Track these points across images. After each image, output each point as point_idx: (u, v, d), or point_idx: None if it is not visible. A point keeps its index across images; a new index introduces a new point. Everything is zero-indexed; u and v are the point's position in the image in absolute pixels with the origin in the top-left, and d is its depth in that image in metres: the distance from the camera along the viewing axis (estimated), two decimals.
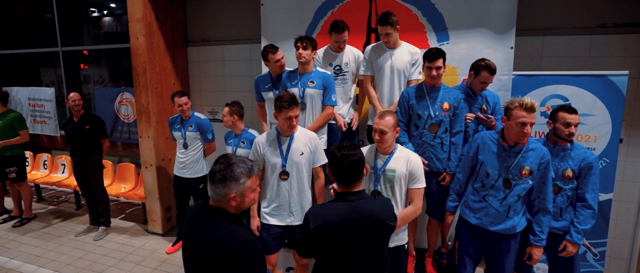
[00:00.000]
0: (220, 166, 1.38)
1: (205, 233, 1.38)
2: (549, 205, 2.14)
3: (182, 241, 1.54)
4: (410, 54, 2.78)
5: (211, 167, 1.42)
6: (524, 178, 2.11)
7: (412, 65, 2.79)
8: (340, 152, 1.61)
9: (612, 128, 2.77)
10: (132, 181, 4.68)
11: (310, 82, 2.77)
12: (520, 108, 2.02)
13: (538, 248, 2.19)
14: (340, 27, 2.78)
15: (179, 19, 4.21)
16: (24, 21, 5.79)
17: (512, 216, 2.16)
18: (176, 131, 3.49)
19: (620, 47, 2.97)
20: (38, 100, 5.33)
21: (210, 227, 1.38)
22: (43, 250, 3.81)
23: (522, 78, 2.94)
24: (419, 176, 2.15)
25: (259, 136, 2.48)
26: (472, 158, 2.29)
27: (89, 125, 3.91)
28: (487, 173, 2.20)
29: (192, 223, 1.46)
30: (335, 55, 2.97)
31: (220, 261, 1.32)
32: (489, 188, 2.20)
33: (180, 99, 3.37)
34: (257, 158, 2.40)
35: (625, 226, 3.20)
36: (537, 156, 2.10)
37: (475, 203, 2.26)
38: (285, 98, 2.26)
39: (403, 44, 2.80)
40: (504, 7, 2.82)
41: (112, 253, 3.75)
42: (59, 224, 4.46)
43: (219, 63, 4.24)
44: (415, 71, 2.80)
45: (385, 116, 2.12)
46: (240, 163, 1.40)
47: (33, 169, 5.33)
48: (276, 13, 3.44)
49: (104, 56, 5.68)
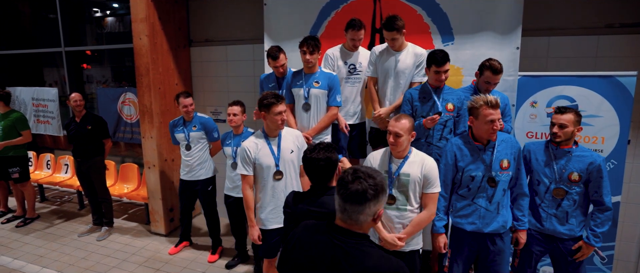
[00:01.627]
0: (369, 182, 1.17)
1: (354, 262, 1.19)
2: (526, 189, 2.27)
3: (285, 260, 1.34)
4: (416, 55, 2.76)
5: (350, 188, 1.17)
6: (505, 171, 2.18)
7: (417, 67, 2.77)
8: (310, 154, 1.71)
9: (620, 129, 2.74)
10: (134, 181, 4.68)
11: (315, 82, 2.75)
12: (486, 106, 2.07)
13: (523, 231, 2.29)
14: (356, 25, 2.75)
15: (182, 19, 4.20)
16: (27, 21, 5.80)
17: (502, 211, 2.21)
18: (179, 133, 3.44)
19: (627, 48, 2.93)
20: (41, 100, 5.33)
21: (358, 255, 1.19)
22: (46, 250, 3.81)
23: (527, 79, 2.90)
24: (433, 181, 2.13)
25: (245, 142, 2.40)
26: (453, 167, 2.26)
27: (91, 125, 3.91)
28: (471, 178, 2.20)
29: (317, 248, 1.24)
30: (350, 54, 2.94)
31: None
32: (476, 191, 2.20)
33: (185, 100, 3.35)
34: (249, 163, 2.34)
35: (633, 229, 3.15)
36: (509, 146, 2.20)
37: (465, 208, 2.25)
38: (269, 95, 2.29)
39: (409, 46, 2.77)
40: (510, 7, 2.79)
41: (115, 253, 3.74)
42: (62, 224, 4.46)
43: (222, 63, 4.23)
44: (420, 73, 2.77)
45: (401, 119, 2.10)
46: (373, 172, 1.23)
47: (36, 169, 5.34)
48: (279, 13, 3.42)
49: (106, 56, 5.68)
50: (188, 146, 3.41)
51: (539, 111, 2.92)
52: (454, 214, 2.31)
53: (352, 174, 1.21)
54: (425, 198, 2.14)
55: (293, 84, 2.86)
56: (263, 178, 2.36)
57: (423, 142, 2.61)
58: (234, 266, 3.48)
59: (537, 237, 2.34)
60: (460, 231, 2.30)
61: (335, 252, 1.21)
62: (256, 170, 2.37)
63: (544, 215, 2.29)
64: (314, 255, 1.25)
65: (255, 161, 2.34)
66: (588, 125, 2.79)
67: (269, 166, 2.34)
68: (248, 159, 2.34)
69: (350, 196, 1.18)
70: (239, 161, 2.39)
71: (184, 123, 3.44)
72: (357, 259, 1.19)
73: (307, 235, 1.31)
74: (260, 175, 2.36)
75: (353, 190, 1.18)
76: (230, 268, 3.46)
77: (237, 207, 3.26)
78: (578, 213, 2.25)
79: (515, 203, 2.29)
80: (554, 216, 2.26)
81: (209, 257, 3.62)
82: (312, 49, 2.69)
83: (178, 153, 3.65)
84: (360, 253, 1.20)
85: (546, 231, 2.30)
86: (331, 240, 1.23)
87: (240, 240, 3.50)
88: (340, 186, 1.22)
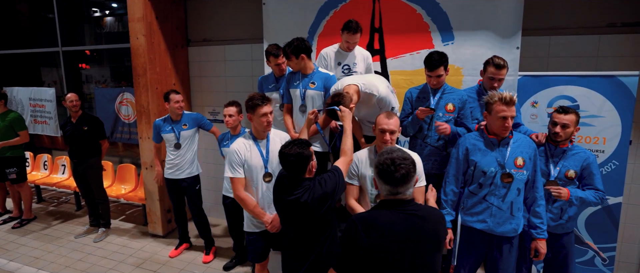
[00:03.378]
0: (405, 163, 1.45)
1: (430, 218, 1.50)
2: (542, 192, 2.20)
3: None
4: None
5: (396, 176, 1.44)
6: (519, 169, 2.12)
7: None
8: (283, 149, 1.87)
9: (622, 129, 2.71)
10: (132, 182, 4.64)
11: (311, 83, 2.70)
12: (500, 102, 2.06)
13: (542, 241, 2.20)
14: (353, 28, 2.68)
15: (180, 18, 4.16)
16: (25, 21, 5.77)
17: (516, 214, 2.15)
18: (167, 132, 3.37)
19: (629, 47, 2.90)
20: (39, 100, 5.30)
21: (428, 211, 1.53)
22: (42, 252, 3.77)
23: (528, 79, 2.87)
24: (420, 175, 2.13)
25: (233, 144, 2.35)
26: (464, 161, 2.23)
27: (87, 126, 3.88)
28: (483, 173, 2.16)
29: (396, 225, 1.46)
30: (345, 54, 2.89)
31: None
32: (488, 187, 2.16)
33: (177, 96, 3.31)
34: (240, 164, 2.29)
35: (634, 230, 3.12)
36: (526, 145, 2.16)
37: (476, 206, 2.20)
38: (256, 97, 2.27)
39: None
40: (510, 7, 2.76)
41: (112, 255, 3.71)
42: (59, 225, 4.43)
43: (220, 63, 4.20)
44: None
45: (392, 116, 2.11)
46: (402, 153, 1.51)
47: (33, 170, 5.31)
48: (278, 12, 3.39)
49: (106, 56, 5.65)
50: (178, 144, 3.36)
51: (539, 112, 2.89)
52: (464, 212, 2.26)
53: (390, 164, 1.44)
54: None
55: (290, 85, 2.83)
56: (252, 180, 2.33)
57: (420, 142, 2.58)
58: (231, 267, 3.44)
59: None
60: (469, 230, 2.24)
61: (413, 221, 1.45)
62: (245, 172, 2.32)
63: None
64: (397, 231, 1.44)
65: (244, 163, 2.31)
66: (589, 125, 2.76)
67: (258, 168, 2.31)
68: (238, 161, 2.29)
69: (400, 181, 1.43)
70: (228, 164, 2.31)
71: (173, 121, 3.39)
72: (431, 215, 1.50)
73: (373, 214, 1.50)
74: (250, 176, 2.32)
75: (399, 175, 1.42)
76: (228, 270, 3.42)
77: (234, 208, 3.22)
78: (572, 210, 2.27)
79: (532, 208, 2.21)
80: (549, 212, 2.28)
81: (203, 257, 3.59)
82: (286, 55, 2.70)
83: None
84: (427, 211, 1.51)
85: None
86: (403, 213, 1.46)
87: (238, 241, 3.47)
88: (386, 177, 1.45)
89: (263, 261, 2.50)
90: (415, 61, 3.01)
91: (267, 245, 2.49)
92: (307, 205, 1.82)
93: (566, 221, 2.28)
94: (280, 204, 1.97)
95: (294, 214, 1.90)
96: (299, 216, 1.88)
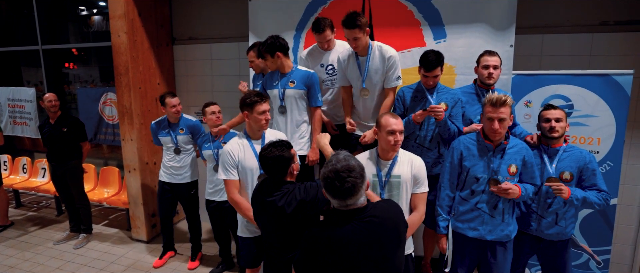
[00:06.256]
0: (352, 175, 1.36)
1: (382, 221, 1.43)
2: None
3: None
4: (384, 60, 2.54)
5: (341, 190, 1.36)
6: (512, 177, 2.05)
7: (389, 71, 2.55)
8: (263, 151, 1.82)
9: (616, 129, 2.65)
10: (116, 185, 4.48)
11: (290, 82, 2.58)
12: (488, 104, 2.01)
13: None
14: (320, 27, 2.57)
15: (165, 16, 4.02)
16: (4, 18, 5.55)
17: (507, 220, 2.09)
18: (164, 135, 3.23)
19: (622, 46, 2.87)
20: (18, 101, 5.09)
21: (382, 214, 1.45)
22: (18, 260, 3.59)
23: (522, 78, 2.81)
24: (423, 180, 2.03)
25: (226, 145, 2.26)
26: (458, 165, 2.15)
27: (66, 128, 3.71)
28: (476, 178, 2.08)
29: (351, 234, 1.40)
30: (324, 53, 2.79)
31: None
32: (480, 194, 2.08)
33: (173, 100, 3.15)
34: (234, 166, 2.20)
35: (628, 231, 3.09)
36: (519, 152, 2.07)
37: (467, 213, 2.13)
38: (252, 94, 2.20)
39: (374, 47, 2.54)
40: (503, 4, 2.69)
41: (93, 262, 3.55)
42: (37, 231, 4.24)
43: (207, 62, 4.07)
44: (393, 77, 2.56)
45: (396, 116, 2.00)
46: (347, 164, 1.40)
47: (11, 173, 5.10)
48: (265, 9, 3.28)
49: (94, 56, 5.46)
50: (177, 149, 3.22)
51: (533, 111, 2.82)
52: (455, 218, 2.18)
53: (335, 178, 1.35)
54: (414, 198, 2.04)
55: (267, 85, 2.70)
56: (246, 182, 2.22)
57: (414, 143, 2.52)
58: None
59: (525, 239, 2.27)
60: (461, 237, 2.17)
61: (371, 228, 1.39)
62: (239, 173, 2.22)
63: (534, 216, 2.21)
64: (358, 243, 1.38)
65: (238, 164, 2.20)
66: (583, 125, 2.71)
67: (252, 169, 2.20)
68: (232, 163, 2.19)
69: (347, 194, 1.36)
70: (221, 166, 2.22)
71: (170, 125, 3.24)
72: (387, 213, 1.45)
73: (327, 234, 1.42)
74: (244, 178, 2.22)
75: (344, 189, 1.35)
76: None
77: (219, 212, 3.10)
78: (569, 215, 2.18)
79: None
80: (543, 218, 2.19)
81: (189, 263, 3.45)
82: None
83: (160, 156, 3.46)
84: (383, 210, 1.45)
85: (534, 232, 2.22)
86: (360, 222, 1.39)
87: (224, 247, 3.34)
88: (332, 191, 1.37)
89: (255, 267, 2.39)
90: (406, 60, 2.93)
91: (261, 251, 2.37)
92: (283, 209, 1.74)
93: (564, 227, 2.18)
94: (259, 204, 1.87)
95: (271, 218, 1.81)
96: (276, 220, 1.79)
